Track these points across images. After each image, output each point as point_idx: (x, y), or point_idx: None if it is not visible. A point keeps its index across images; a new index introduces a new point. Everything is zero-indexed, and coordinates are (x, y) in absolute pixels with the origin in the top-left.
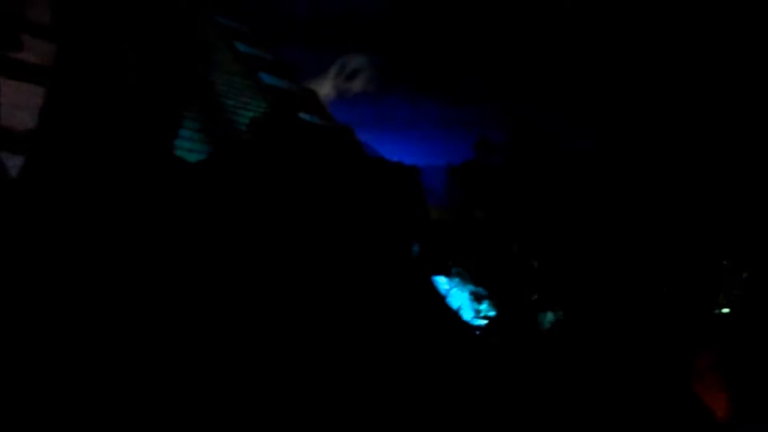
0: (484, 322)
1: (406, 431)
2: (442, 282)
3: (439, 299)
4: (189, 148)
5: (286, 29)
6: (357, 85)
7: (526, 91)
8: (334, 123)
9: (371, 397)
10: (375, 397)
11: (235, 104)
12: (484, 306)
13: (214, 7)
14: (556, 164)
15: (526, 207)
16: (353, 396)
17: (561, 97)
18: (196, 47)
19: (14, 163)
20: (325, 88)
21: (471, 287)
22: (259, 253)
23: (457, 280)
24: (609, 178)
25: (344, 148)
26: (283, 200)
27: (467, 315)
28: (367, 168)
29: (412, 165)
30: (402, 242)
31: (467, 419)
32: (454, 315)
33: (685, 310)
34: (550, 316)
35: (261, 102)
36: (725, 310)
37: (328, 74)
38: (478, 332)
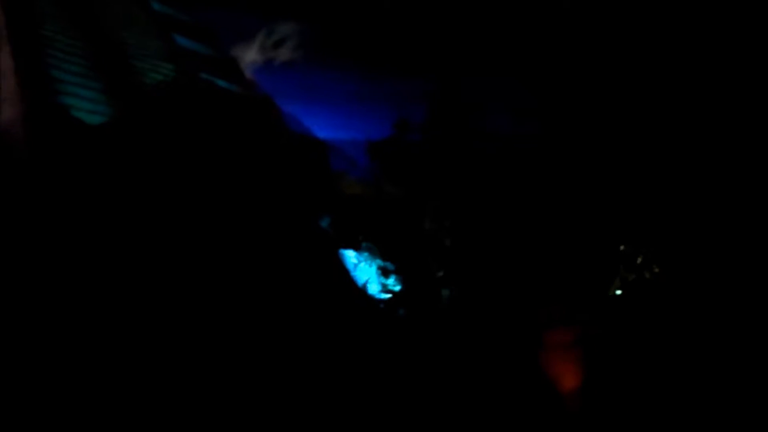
0: (388, 296)
1: (309, 407)
2: (350, 256)
3: (344, 272)
4: (90, 109)
5: None
6: (284, 53)
7: (455, 67)
8: (252, 91)
9: (274, 372)
10: (277, 372)
11: (143, 66)
12: (390, 280)
13: None
14: (474, 143)
15: (442, 185)
16: (256, 373)
17: (491, 75)
18: (104, 4)
19: None
20: (250, 55)
21: (379, 262)
22: (158, 224)
23: (366, 254)
24: (525, 160)
25: (258, 118)
26: (186, 169)
27: (373, 289)
28: (276, 141)
29: (320, 138)
30: (308, 216)
31: (370, 392)
32: (357, 287)
33: (577, 289)
34: (445, 292)
35: (172, 65)
36: (618, 292)
37: (255, 41)
38: (382, 305)
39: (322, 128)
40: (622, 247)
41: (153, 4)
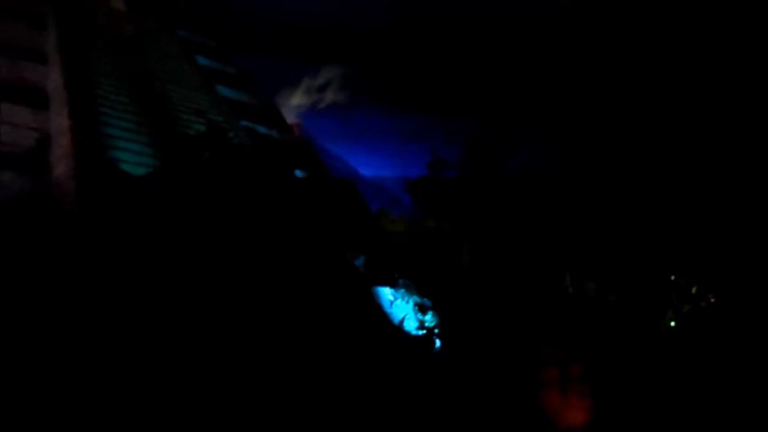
0: (424, 332)
1: None
2: (386, 293)
3: (378, 310)
4: (136, 161)
5: (260, 41)
6: (329, 96)
7: (491, 109)
8: (291, 135)
9: (307, 408)
10: (309, 408)
11: (188, 118)
12: (428, 317)
13: (180, 21)
14: (505, 180)
15: (478, 220)
16: (294, 408)
17: (523, 116)
18: (154, 61)
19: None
20: (297, 99)
21: (416, 298)
22: (207, 267)
23: (402, 291)
24: (556, 193)
25: (296, 160)
26: (228, 213)
27: (410, 326)
28: (312, 182)
29: (363, 176)
30: (342, 255)
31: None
32: (392, 325)
33: (633, 322)
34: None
35: (216, 115)
36: (672, 324)
37: (301, 85)
38: (418, 342)
39: (367, 167)
40: (673, 278)
41: (199, 58)
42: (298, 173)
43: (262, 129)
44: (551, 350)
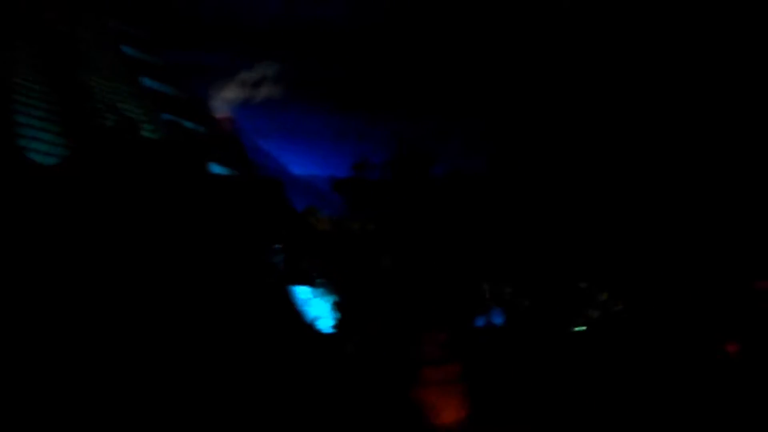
0: (336, 330)
1: None
2: (303, 292)
3: (291, 308)
4: (46, 151)
5: (199, 33)
6: (263, 91)
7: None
8: (217, 130)
9: (219, 403)
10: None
11: (105, 108)
12: (341, 316)
13: (115, 10)
14: (430, 184)
15: (402, 222)
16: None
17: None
18: (77, 50)
19: None
20: (231, 92)
21: (333, 297)
22: (111, 258)
23: (320, 290)
24: (478, 199)
25: (220, 157)
26: (134, 207)
27: (325, 324)
28: (235, 178)
29: (275, 178)
30: (259, 252)
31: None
32: (304, 324)
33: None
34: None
35: (135, 107)
36: (581, 328)
37: (236, 79)
38: (328, 341)
39: (299, 165)
40: (583, 285)
41: (126, 48)
42: (221, 169)
43: (187, 123)
44: (434, 351)
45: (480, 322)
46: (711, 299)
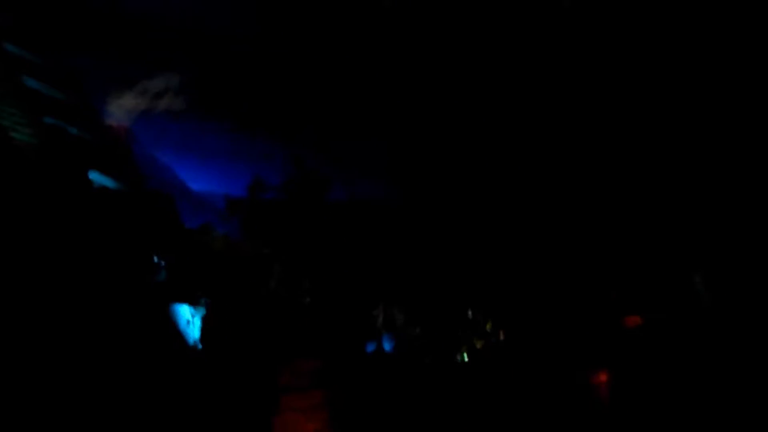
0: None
1: None
2: (185, 311)
3: (170, 329)
4: None
5: (97, 36)
6: (163, 103)
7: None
8: (111, 140)
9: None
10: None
11: None
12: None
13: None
14: (326, 208)
15: (294, 245)
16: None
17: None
18: None
19: None
20: (130, 101)
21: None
22: None
23: (202, 309)
24: (375, 225)
25: (106, 167)
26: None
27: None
28: (120, 190)
29: (165, 192)
30: (140, 269)
31: None
32: (183, 344)
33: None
34: None
35: (9, 107)
36: (465, 357)
37: (136, 88)
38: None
39: (197, 181)
40: (470, 314)
41: (7, 45)
42: (104, 179)
43: (72, 129)
44: (296, 379)
45: (370, 347)
46: (584, 332)
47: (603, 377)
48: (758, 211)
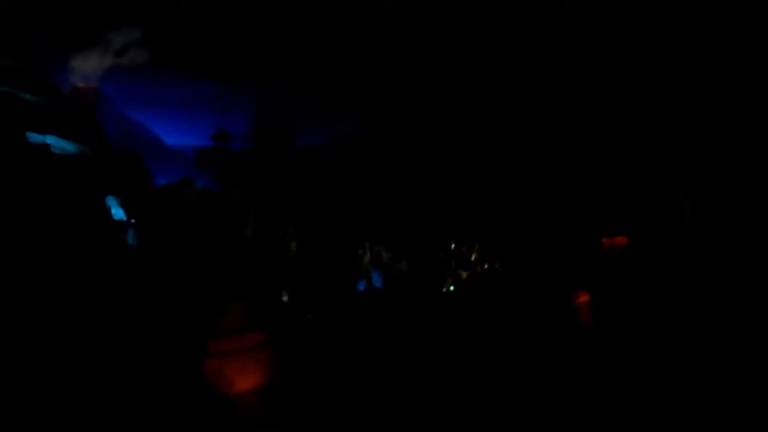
0: None
1: None
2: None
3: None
4: None
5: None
6: (128, 58)
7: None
8: (64, 102)
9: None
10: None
11: None
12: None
13: None
14: (298, 152)
15: (267, 191)
16: None
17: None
18: None
19: None
20: (94, 61)
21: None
22: None
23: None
24: (353, 166)
25: (63, 130)
26: None
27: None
28: (79, 152)
29: (131, 151)
30: (103, 227)
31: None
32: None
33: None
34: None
35: None
36: (451, 288)
37: (98, 46)
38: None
39: (173, 135)
40: (453, 245)
41: None
42: (62, 143)
43: (26, 95)
44: (227, 323)
45: (361, 285)
46: (566, 256)
47: (585, 297)
48: (745, 137)
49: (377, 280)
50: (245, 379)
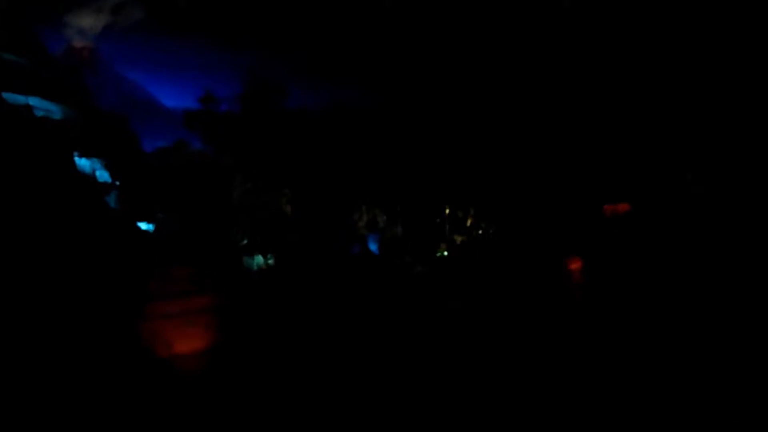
0: None
1: None
2: (144, 226)
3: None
4: None
5: None
6: (123, 18)
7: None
8: (49, 66)
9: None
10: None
11: None
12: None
13: None
14: (280, 117)
15: (256, 154)
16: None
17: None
18: None
19: None
20: (89, 20)
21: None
22: None
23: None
24: (344, 128)
25: (51, 92)
26: None
27: None
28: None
29: (117, 114)
30: (90, 193)
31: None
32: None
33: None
34: (258, 259)
35: None
36: (444, 253)
37: (92, 4)
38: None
39: (171, 97)
40: (447, 210)
41: None
42: (44, 103)
43: (8, 56)
44: (169, 286)
45: (355, 249)
46: (564, 220)
47: (577, 264)
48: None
49: (373, 244)
50: (186, 342)
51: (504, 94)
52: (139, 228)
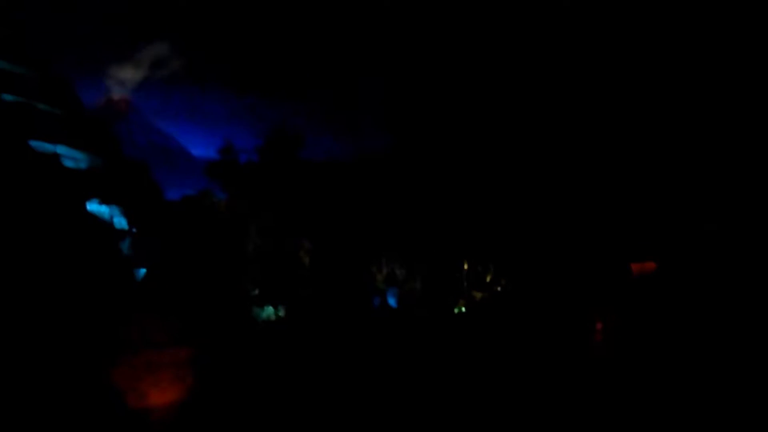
0: None
1: None
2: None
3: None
4: None
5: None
6: (161, 71)
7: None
8: (80, 113)
9: None
10: None
11: None
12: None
13: None
14: (300, 168)
15: (274, 204)
16: None
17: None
18: None
19: None
20: (127, 73)
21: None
22: None
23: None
24: (365, 181)
25: (82, 142)
26: None
27: None
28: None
29: (139, 162)
30: (107, 241)
31: None
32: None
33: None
34: (269, 311)
35: None
36: (462, 309)
37: (132, 60)
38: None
39: (199, 146)
40: (466, 266)
41: None
42: (72, 152)
43: (42, 106)
44: (147, 335)
45: (376, 301)
46: (586, 279)
47: (599, 325)
48: None
49: (391, 299)
50: (157, 395)
51: (525, 148)
52: (137, 273)
